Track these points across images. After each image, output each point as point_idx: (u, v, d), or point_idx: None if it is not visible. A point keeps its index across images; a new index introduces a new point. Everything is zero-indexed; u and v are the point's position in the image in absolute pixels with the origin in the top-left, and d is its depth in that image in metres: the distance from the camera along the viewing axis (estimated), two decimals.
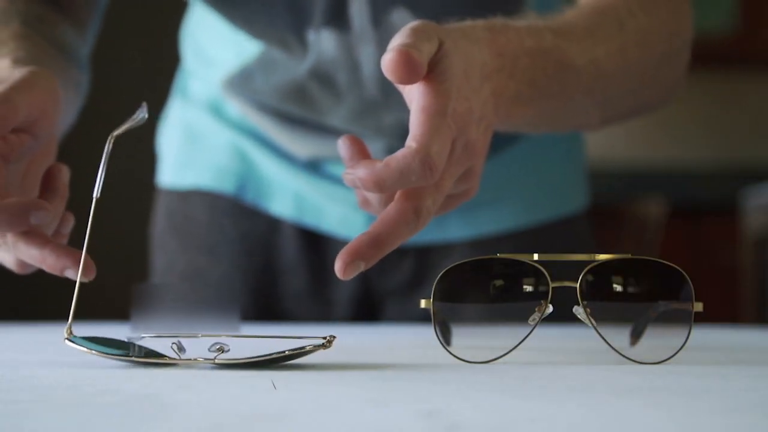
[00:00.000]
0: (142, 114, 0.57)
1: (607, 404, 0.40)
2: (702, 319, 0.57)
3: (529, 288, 0.56)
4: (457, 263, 0.56)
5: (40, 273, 0.62)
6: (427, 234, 0.95)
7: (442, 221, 0.95)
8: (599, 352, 0.59)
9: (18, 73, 0.62)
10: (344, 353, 0.59)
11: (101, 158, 0.54)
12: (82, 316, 0.57)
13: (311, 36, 0.86)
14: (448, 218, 0.95)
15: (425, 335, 0.55)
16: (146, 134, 1.10)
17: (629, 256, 0.56)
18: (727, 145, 3.49)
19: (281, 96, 0.92)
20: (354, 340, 0.72)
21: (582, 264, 0.55)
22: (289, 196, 0.97)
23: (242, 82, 0.94)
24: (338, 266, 0.53)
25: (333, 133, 0.91)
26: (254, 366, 0.51)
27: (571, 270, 0.56)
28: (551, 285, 0.55)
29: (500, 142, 0.95)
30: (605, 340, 0.55)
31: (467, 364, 0.54)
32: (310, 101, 0.91)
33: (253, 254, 0.99)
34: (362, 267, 0.53)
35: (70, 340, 0.53)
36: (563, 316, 0.59)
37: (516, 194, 0.98)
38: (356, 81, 0.88)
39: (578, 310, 0.55)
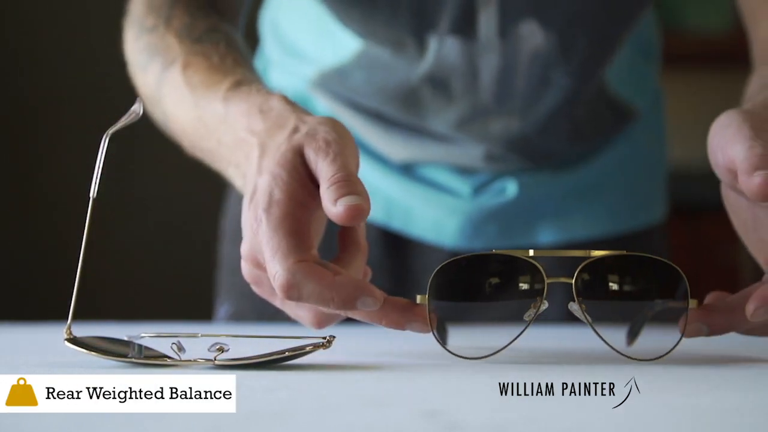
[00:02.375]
0: (136, 110, 0.56)
1: (607, 404, 0.40)
2: None
3: (524, 284, 0.55)
4: (451, 259, 0.56)
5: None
6: (518, 239, 0.93)
7: (532, 226, 0.93)
8: (597, 352, 0.59)
9: (326, 132, 0.59)
10: (344, 353, 0.59)
11: (97, 156, 0.54)
12: (81, 316, 0.57)
13: (433, 41, 0.85)
14: (538, 223, 0.93)
15: (425, 335, 0.55)
16: (142, 131, 1.08)
17: (624, 252, 0.56)
18: None
19: (385, 96, 0.90)
20: (354, 340, 0.72)
21: (577, 260, 0.55)
22: (378, 198, 0.93)
23: (338, 80, 0.91)
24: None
25: (432, 136, 0.90)
26: (254, 366, 0.51)
27: (566, 266, 0.56)
28: (546, 281, 0.55)
29: (592, 150, 0.94)
30: (600, 336, 0.55)
31: (467, 363, 0.54)
32: (417, 104, 0.89)
33: (333, 257, 0.95)
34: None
35: (70, 341, 0.53)
36: (559, 313, 0.59)
37: (606, 201, 0.96)
38: (472, 87, 0.87)
39: (573, 307, 0.55)
